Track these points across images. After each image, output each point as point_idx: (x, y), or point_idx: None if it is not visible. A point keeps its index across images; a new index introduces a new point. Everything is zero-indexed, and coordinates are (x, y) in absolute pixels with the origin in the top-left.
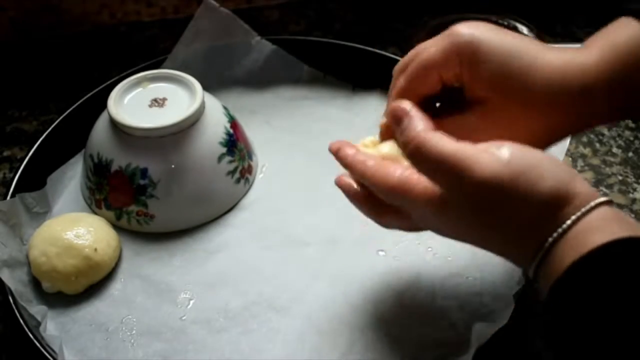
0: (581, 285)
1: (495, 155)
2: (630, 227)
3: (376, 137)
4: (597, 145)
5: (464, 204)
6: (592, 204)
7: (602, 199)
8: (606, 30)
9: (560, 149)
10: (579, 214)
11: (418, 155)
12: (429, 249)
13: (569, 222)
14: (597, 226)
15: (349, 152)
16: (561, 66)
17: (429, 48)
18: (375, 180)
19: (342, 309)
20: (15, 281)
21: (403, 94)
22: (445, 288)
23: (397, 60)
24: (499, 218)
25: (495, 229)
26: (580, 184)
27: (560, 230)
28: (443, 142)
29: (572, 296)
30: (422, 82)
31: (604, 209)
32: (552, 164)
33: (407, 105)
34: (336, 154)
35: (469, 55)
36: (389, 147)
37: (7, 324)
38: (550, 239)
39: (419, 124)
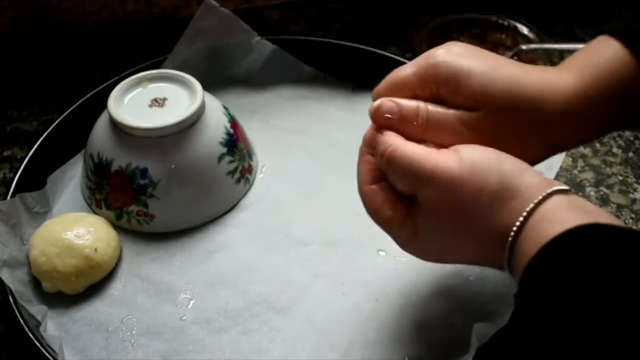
0: (542, 278)
1: (449, 157)
2: (582, 213)
3: None
4: (597, 145)
5: (432, 209)
6: (540, 196)
7: (553, 188)
8: (586, 50)
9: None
10: (531, 206)
11: (392, 166)
12: None
13: (522, 217)
14: (548, 218)
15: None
16: (543, 87)
17: (405, 68)
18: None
19: (342, 309)
20: (15, 281)
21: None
22: (445, 288)
23: (397, 60)
24: (462, 217)
25: (463, 229)
26: (530, 177)
27: (516, 226)
28: (408, 147)
29: (537, 289)
30: (396, 96)
31: (556, 199)
32: (499, 160)
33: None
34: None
35: (446, 77)
36: None
37: (7, 324)
38: (511, 233)
39: (388, 134)
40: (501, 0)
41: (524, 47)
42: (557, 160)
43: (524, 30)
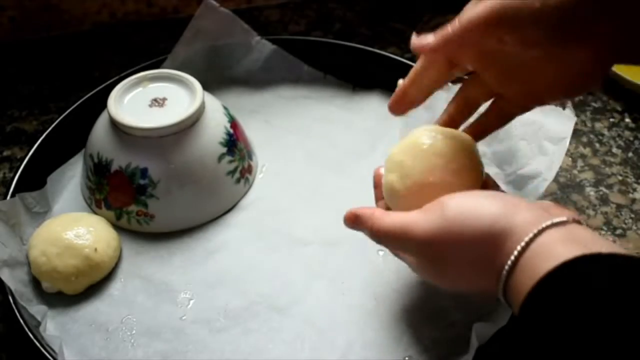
0: (540, 313)
1: (432, 212)
2: (576, 245)
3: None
4: (597, 145)
5: (420, 262)
6: (534, 232)
7: (546, 223)
8: None
9: (560, 149)
10: (522, 244)
11: (379, 240)
12: None
13: (514, 254)
14: (541, 252)
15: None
16: None
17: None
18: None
19: (342, 309)
20: (15, 281)
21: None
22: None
23: (397, 60)
24: (452, 265)
25: (455, 274)
26: (523, 214)
27: (509, 263)
28: (385, 220)
29: (537, 323)
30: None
31: (549, 233)
32: (491, 202)
33: (354, 210)
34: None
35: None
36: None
37: (7, 324)
38: (503, 272)
39: (366, 217)
40: None
41: None
42: (557, 161)
43: None
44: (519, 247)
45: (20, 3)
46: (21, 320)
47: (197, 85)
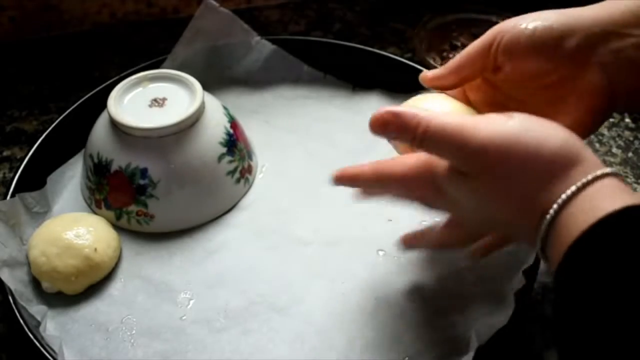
0: (593, 254)
1: (497, 119)
2: (637, 196)
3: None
4: (597, 145)
5: (471, 169)
6: (600, 172)
7: (611, 169)
8: None
9: None
10: (589, 177)
11: (423, 140)
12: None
13: (578, 184)
14: (607, 193)
15: (350, 169)
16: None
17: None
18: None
19: (342, 309)
20: (15, 281)
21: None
22: (445, 288)
23: (397, 60)
24: (506, 180)
25: (504, 195)
26: (590, 152)
27: (569, 192)
28: (444, 118)
29: (584, 265)
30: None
31: (611, 179)
32: (558, 126)
33: (393, 108)
34: (341, 178)
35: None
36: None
37: (7, 324)
38: (559, 200)
39: (410, 113)
40: (501, 0)
41: None
42: None
43: None
44: (583, 180)
45: (20, 3)
46: (21, 320)
47: (197, 85)
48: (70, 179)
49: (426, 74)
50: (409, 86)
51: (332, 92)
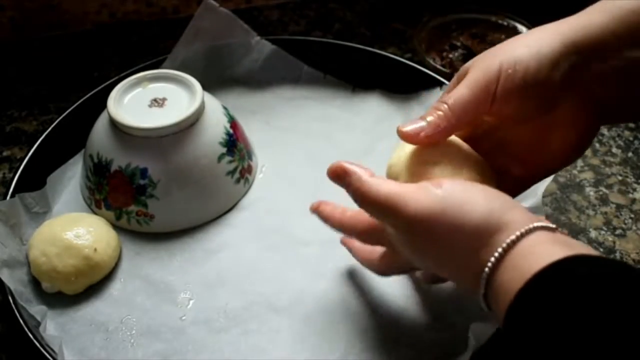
0: (530, 311)
1: (430, 191)
2: (567, 247)
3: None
4: (597, 145)
5: (405, 238)
6: (524, 229)
7: (537, 224)
8: None
9: None
10: (512, 237)
11: (363, 203)
12: None
13: (501, 248)
14: (531, 251)
15: (326, 208)
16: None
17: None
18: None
19: (342, 310)
20: (15, 281)
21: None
22: (444, 289)
23: (397, 61)
24: (438, 248)
25: (439, 258)
26: (517, 213)
27: (496, 255)
28: (379, 186)
29: (525, 323)
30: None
31: (539, 233)
32: (486, 196)
33: (344, 163)
34: (316, 211)
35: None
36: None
37: (7, 324)
38: (488, 265)
39: (355, 175)
40: (501, 0)
41: None
42: None
43: (524, 30)
44: (508, 240)
45: (20, 3)
46: (21, 320)
47: (197, 85)
48: (70, 179)
49: (407, 132)
50: (409, 86)
51: (332, 93)
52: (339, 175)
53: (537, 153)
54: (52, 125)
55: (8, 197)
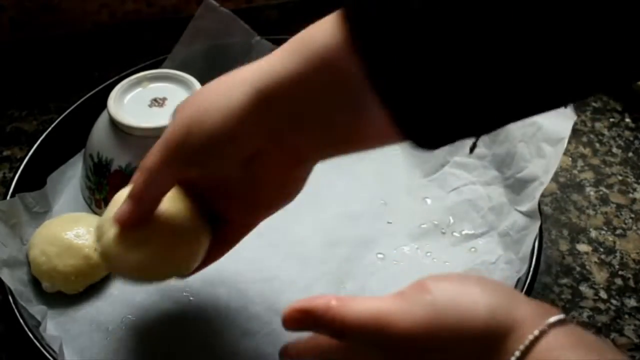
0: None
1: (415, 299)
2: (585, 349)
3: None
4: (597, 145)
5: (396, 356)
6: (537, 331)
7: (549, 320)
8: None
9: (557, 151)
10: (527, 343)
11: (344, 334)
12: (428, 254)
13: (516, 355)
14: (549, 356)
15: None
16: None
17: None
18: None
19: None
20: (15, 281)
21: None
22: None
23: None
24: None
25: None
26: (522, 309)
27: None
28: (357, 309)
29: None
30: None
31: (554, 334)
32: (484, 290)
33: (297, 305)
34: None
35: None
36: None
37: (7, 324)
38: None
39: (320, 310)
40: None
41: None
42: (553, 163)
43: None
44: (522, 347)
45: (20, 3)
46: (21, 320)
47: (197, 85)
48: (70, 178)
49: (117, 219)
50: None
51: None
52: (300, 320)
53: (251, 197)
54: (52, 125)
55: (8, 197)
